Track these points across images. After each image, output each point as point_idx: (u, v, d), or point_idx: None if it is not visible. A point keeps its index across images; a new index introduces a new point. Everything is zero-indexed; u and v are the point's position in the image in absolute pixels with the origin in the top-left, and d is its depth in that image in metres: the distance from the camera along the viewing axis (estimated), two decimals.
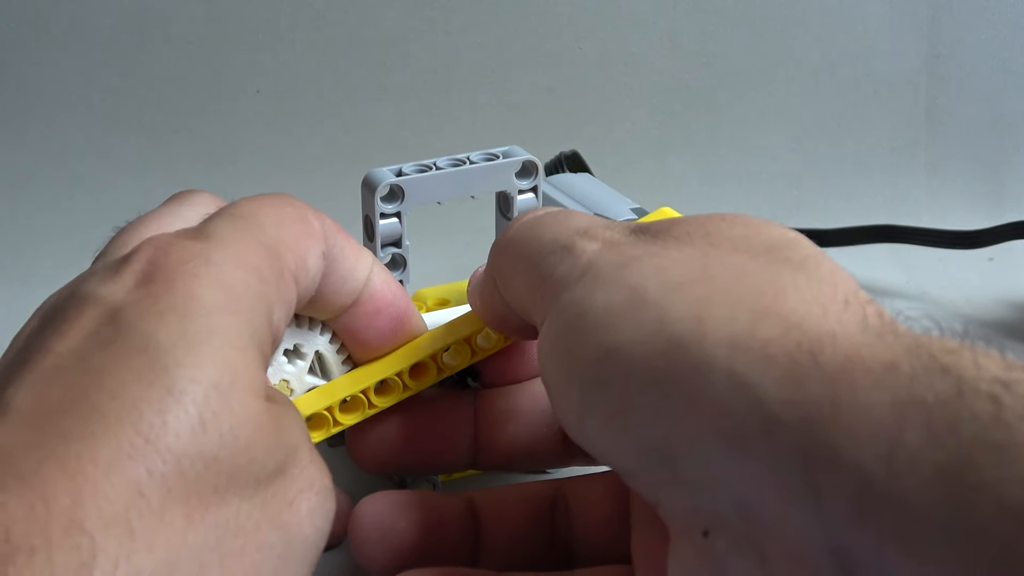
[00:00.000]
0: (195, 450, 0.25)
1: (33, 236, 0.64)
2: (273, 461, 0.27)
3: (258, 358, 0.28)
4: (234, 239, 0.29)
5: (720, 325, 0.25)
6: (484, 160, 0.39)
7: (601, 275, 0.29)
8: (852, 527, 0.22)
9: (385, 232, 0.38)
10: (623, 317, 0.27)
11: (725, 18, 0.71)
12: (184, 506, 0.25)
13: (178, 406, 0.25)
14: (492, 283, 0.34)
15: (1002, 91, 0.71)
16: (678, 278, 0.27)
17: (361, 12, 0.70)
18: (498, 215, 0.41)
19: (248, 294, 0.28)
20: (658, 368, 0.26)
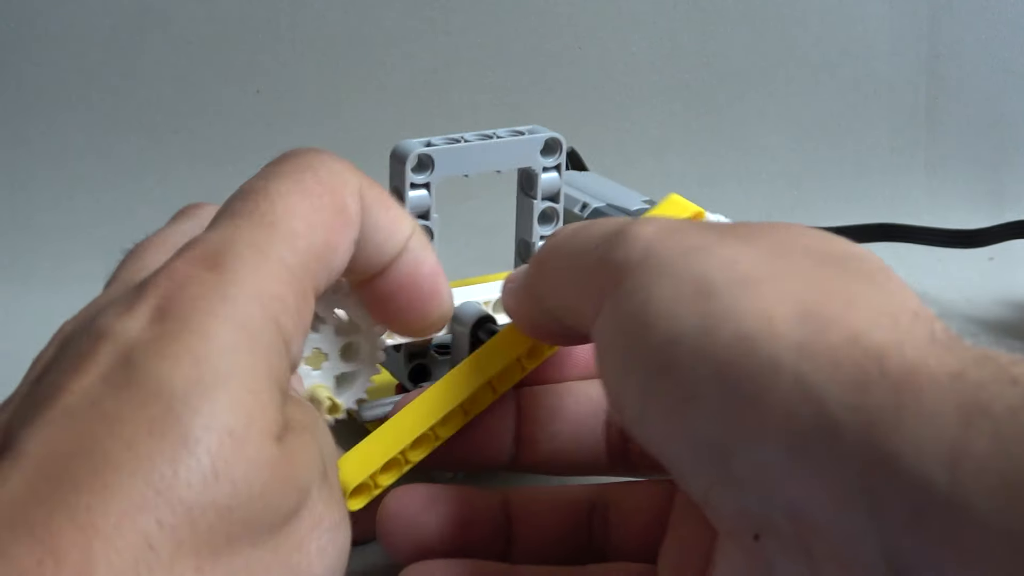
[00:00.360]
0: (207, 500, 0.24)
1: (33, 236, 0.64)
2: (287, 505, 0.26)
3: (275, 397, 0.27)
4: (254, 266, 0.28)
5: (790, 327, 0.25)
6: (510, 135, 0.39)
7: (664, 261, 0.28)
8: (909, 533, 0.22)
9: (414, 203, 0.38)
10: (689, 306, 0.27)
11: (725, 18, 0.71)
12: (195, 558, 0.24)
13: (191, 456, 0.24)
14: (532, 292, 0.33)
15: (1002, 91, 0.71)
16: (748, 274, 0.27)
17: (361, 12, 0.70)
18: (520, 194, 0.41)
19: (267, 330, 0.27)
20: (722, 361, 0.26)
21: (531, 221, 0.40)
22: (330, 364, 0.36)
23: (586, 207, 0.45)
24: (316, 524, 0.27)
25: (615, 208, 0.44)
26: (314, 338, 0.35)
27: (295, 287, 0.29)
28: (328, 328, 0.35)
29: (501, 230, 0.50)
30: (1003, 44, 0.71)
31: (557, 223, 0.41)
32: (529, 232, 0.41)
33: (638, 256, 0.29)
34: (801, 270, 0.27)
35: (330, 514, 0.28)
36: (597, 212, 0.44)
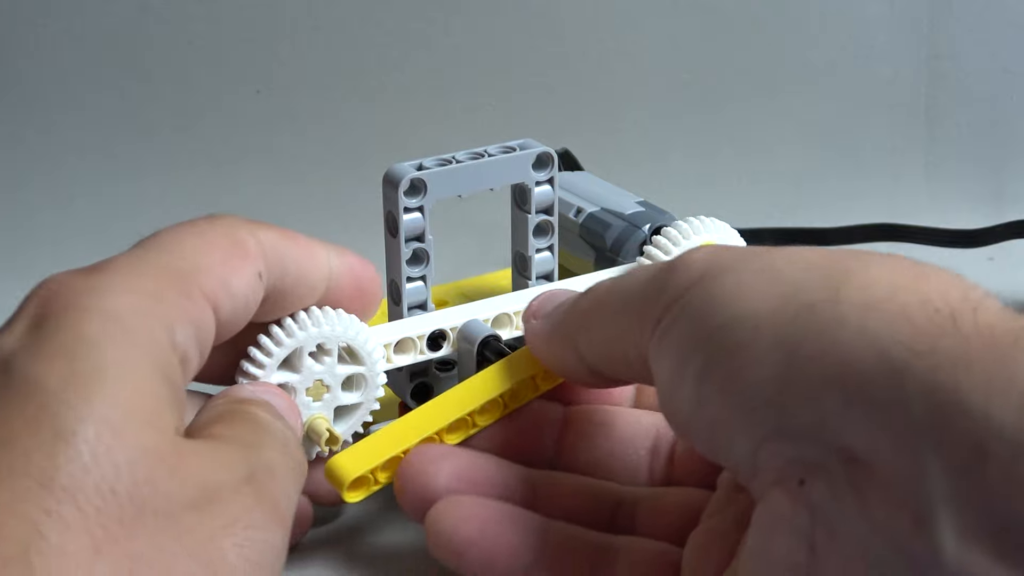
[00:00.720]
0: (90, 486, 0.25)
1: (33, 236, 0.64)
2: (183, 495, 0.27)
3: (159, 387, 0.28)
4: (129, 267, 0.30)
5: (856, 292, 0.27)
6: (501, 153, 0.39)
7: (724, 266, 0.29)
8: (971, 473, 0.23)
9: (409, 227, 0.38)
10: (754, 288, 0.28)
11: (725, 18, 0.71)
12: (89, 538, 0.25)
13: (68, 447, 0.26)
14: (567, 339, 0.35)
15: (1002, 91, 0.71)
16: (814, 262, 0.28)
17: (361, 12, 0.70)
18: (514, 208, 0.41)
19: (141, 320, 0.29)
20: (786, 329, 0.27)
21: (526, 235, 0.41)
22: (331, 396, 0.36)
23: (580, 212, 0.45)
24: (231, 523, 0.28)
25: (609, 212, 0.44)
26: (317, 370, 0.36)
27: (177, 287, 0.30)
28: (331, 360, 0.36)
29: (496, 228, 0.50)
30: (1003, 44, 0.71)
31: (552, 236, 0.41)
32: (525, 245, 0.41)
33: (697, 274, 0.30)
34: (868, 257, 0.29)
35: (250, 517, 0.28)
36: (592, 217, 0.44)
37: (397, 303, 0.40)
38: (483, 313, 0.39)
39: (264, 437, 0.31)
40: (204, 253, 0.32)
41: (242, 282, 0.32)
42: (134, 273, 0.30)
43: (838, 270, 0.28)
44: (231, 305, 0.32)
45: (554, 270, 0.41)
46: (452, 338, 0.39)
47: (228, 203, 0.66)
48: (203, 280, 0.31)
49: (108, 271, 0.30)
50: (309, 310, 0.35)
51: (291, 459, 0.32)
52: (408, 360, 0.38)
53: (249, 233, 0.33)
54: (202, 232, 0.32)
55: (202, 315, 0.31)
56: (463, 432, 0.36)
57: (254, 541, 0.28)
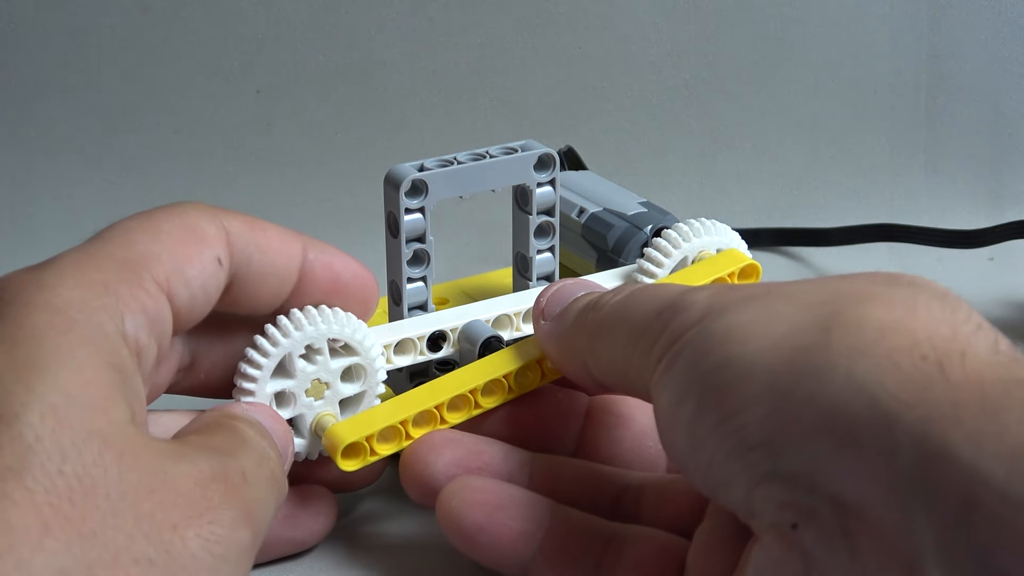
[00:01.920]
0: (36, 466, 0.26)
1: (33, 236, 0.64)
2: (138, 480, 0.27)
3: (105, 375, 0.28)
4: (75, 260, 0.30)
5: (845, 335, 0.26)
6: (503, 154, 0.39)
7: (726, 307, 0.30)
8: (960, 524, 0.23)
9: (410, 228, 0.38)
10: (750, 330, 0.28)
11: (725, 18, 0.71)
12: (36, 516, 0.25)
13: (10, 429, 0.26)
14: (575, 351, 0.35)
15: (1002, 91, 0.71)
16: (811, 300, 0.28)
17: (361, 12, 0.70)
18: (515, 209, 0.41)
19: (87, 313, 0.29)
20: (778, 372, 0.27)
21: (527, 236, 0.41)
22: (332, 392, 0.36)
23: (583, 212, 0.45)
24: (194, 515, 0.28)
25: (612, 212, 0.44)
26: (311, 370, 0.35)
27: (127, 277, 0.30)
28: (323, 358, 0.36)
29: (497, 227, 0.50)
30: (1003, 44, 0.71)
31: (553, 237, 0.41)
32: (526, 246, 0.41)
33: (699, 314, 0.30)
34: (863, 286, 0.28)
35: (216, 514, 0.28)
36: (594, 217, 0.44)
37: (397, 303, 0.40)
38: (483, 314, 0.39)
39: (240, 448, 0.31)
40: (155, 242, 0.32)
41: (197, 269, 0.32)
42: (82, 267, 0.30)
43: (830, 310, 0.27)
44: (187, 292, 0.32)
45: (555, 271, 0.41)
46: (452, 339, 0.39)
47: (228, 203, 0.66)
48: (155, 268, 0.31)
49: (56, 266, 0.30)
50: (290, 314, 0.35)
51: (268, 472, 0.32)
52: (408, 361, 0.38)
53: (210, 220, 0.33)
54: (155, 222, 0.32)
55: (155, 304, 0.31)
56: (466, 411, 0.36)
57: (219, 536, 0.28)
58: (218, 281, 0.33)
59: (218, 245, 0.33)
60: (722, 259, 0.40)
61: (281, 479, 0.33)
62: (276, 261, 0.35)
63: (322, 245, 0.36)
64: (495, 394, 0.37)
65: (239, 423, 0.33)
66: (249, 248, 0.34)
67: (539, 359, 0.37)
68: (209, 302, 0.33)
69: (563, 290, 0.37)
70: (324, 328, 0.35)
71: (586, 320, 0.35)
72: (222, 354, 0.36)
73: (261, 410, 0.35)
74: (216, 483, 0.29)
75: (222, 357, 0.36)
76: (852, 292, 0.28)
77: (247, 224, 0.34)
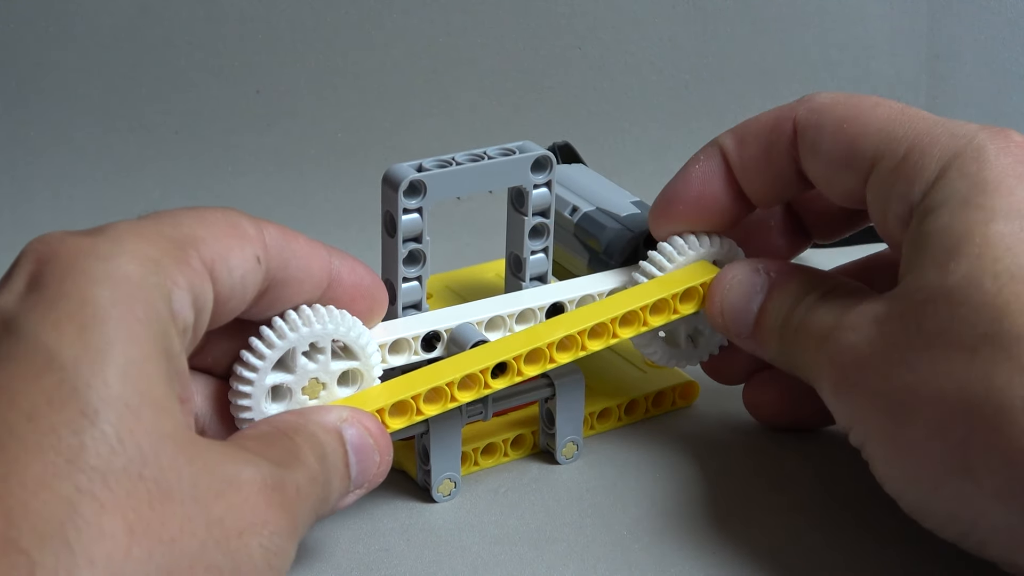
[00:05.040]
0: (119, 467, 0.25)
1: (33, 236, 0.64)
2: (204, 481, 0.27)
3: (163, 367, 0.28)
4: (130, 231, 0.29)
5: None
6: (501, 155, 0.39)
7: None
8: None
9: (407, 228, 0.38)
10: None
11: (725, 18, 0.71)
12: (122, 520, 0.25)
13: (93, 427, 0.25)
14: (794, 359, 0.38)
15: (1002, 91, 0.71)
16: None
17: (361, 12, 0.70)
18: (511, 210, 0.41)
19: (144, 287, 0.28)
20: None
21: (522, 236, 0.40)
22: (327, 393, 0.36)
23: (576, 211, 0.45)
24: (259, 523, 0.28)
25: (605, 213, 0.44)
26: (311, 368, 0.36)
27: (173, 253, 0.29)
28: (325, 357, 0.36)
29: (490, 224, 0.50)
30: (1003, 44, 0.71)
31: (548, 238, 0.41)
32: (520, 247, 0.41)
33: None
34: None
35: (277, 523, 0.28)
36: (587, 217, 0.44)
37: (392, 303, 0.40)
38: (477, 315, 0.39)
39: (295, 463, 0.31)
40: (202, 227, 0.31)
41: (239, 259, 0.32)
42: (133, 238, 0.29)
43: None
44: (229, 280, 0.32)
45: (548, 271, 0.41)
46: (445, 340, 0.39)
47: (228, 202, 0.66)
48: (201, 249, 0.31)
49: (111, 235, 0.29)
50: (299, 309, 0.35)
51: (316, 493, 0.31)
52: (402, 360, 0.38)
53: (249, 222, 0.33)
54: (201, 211, 0.32)
55: (200, 283, 0.31)
56: (477, 391, 0.38)
57: (278, 547, 0.28)
58: (256, 278, 0.33)
59: (258, 245, 0.33)
60: (693, 270, 0.41)
61: (325, 503, 0.32)
62: (311, 267, 0.35)
63: (343, 253, 0.36)
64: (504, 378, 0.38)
65: (298, 438, 0.32)
66: (285, 253, 0.34)
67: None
68: (246, 298, 0.33)
69: (734, 303, 0.39)
70: (331, 328, 0.36)
71: (784, 344, 0.38)
72: (229, 343, 0.36)
73: (356, 417, 0.34)
74: (276, 493, 0.29)
75: (229, 346, 0.36)
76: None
77: (282, 232, 0.34)
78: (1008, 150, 0.33)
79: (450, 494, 0.40)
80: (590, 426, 0.43)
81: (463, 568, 0.37)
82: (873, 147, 0.36)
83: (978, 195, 0.33)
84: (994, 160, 0.33)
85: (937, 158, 0.34)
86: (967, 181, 0.33)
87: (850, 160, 0.36)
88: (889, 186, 0.35)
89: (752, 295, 0.39)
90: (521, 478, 0.42)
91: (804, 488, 0.41)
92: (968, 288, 0.31)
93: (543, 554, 0.38)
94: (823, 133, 0.37)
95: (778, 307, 0.38)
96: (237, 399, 0.35)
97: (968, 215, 0.32)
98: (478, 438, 0.41)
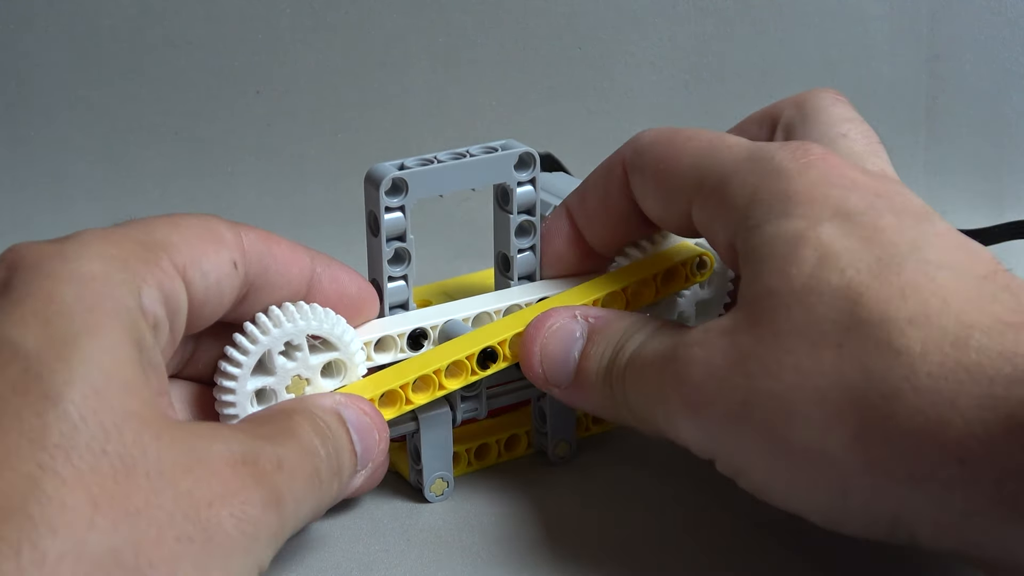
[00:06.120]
0: (82, 444, 0.26)
1: (33, 236, 0.64)
2: (171, 456, 0.28)
3: (132, 353, 0.29)
4: (97, 236, 0.31)
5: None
6: (483, 152, 0.39)
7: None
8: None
9: (390, 226, 0.38)
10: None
11: (725, 18, 0.71)
12: (85, 494, 0.26)
13: (56, 408, 0.26)
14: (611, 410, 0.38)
15: (1002, 91, 0.71)
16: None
17: (361, 12, 0.70)
18: (496, 208, 0.41)
19: (109, 284, 0.29)
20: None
21: (508, 235, 0.41)
22: (312, 388, 0.36)
23: None
24: (227, 494, 0.29)
25: None
26: (291, 367, 0.36)
27: (141, 254, 0.31)
28: (303, 354, 0.36)
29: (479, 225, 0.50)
30: (1003, 44, 0.71)
31: (534, 236, 0.41)
32: (507, 246, 0.41)
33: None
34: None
35: (247, 495, 0.29)
36: None
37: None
38: (464, 312, 0.39)
39: (284, 438, 0.32)
40: (175, 232, 0.32)
41: (214, 264, 0.33)
42: (100, 242, 0.30)
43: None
44: (203, 283, 0.32)
45: (536, 270, 0.41)
46: (433, 337, 0.39)
47: (227, 202, 0.66)
48: (172, 253, 0.32)
49: (77, 240, 0.30)
50: (268, 311, 0.36)
51: (310, 467, 0.32)
52: (389, 359, 0.38)
53: (227, 227, 0.34)
54: (175, 217, 0.33)
55: (171, 283, 0.31)
56: (464, 378, 0.38)
57: (251, 516, 0.29)
58: (233, 283, 0.34)
59: (235, 250, 0.34)
60: (675, 251, 0.41)
61: (329, 479, 0.33)
62: (290, 272, 0.35)
63: (328, 259, 0.37)
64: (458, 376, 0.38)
65: (296, 416, 0.33)
66: (265, 259, 0.35)
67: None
68: (223, 303, 0.34)
69: (554, 352, 0.38)
70: (303, 324, 0.36)
71: (612, 389, 0.37)
72: (219, 348, 0.36)
73: (351, 402, 0.35)
74: (246, 466, 0.29)
75: (219, 351, 0.36)
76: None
77: (262, 236, 0.35)
78: (810, 163, 0.34)
79: (443, 494, 0.40)
80: (586, 427, 0.43)
81: (463, 568, 0.37)
82: (688, 184, 0.36)
83: (794, 207, 0.33)
84: (798, 176, 0.33)
85: (745, 183, 0.34)
86: (779, 198, 0.33)
87: (671, 197, 0.37)
88: (710, 218, 0.35)
89: (572, 342, 0.38)
90: (519, 479, 0.42)
91: None
92: (816, 285, 0.31)
93: (543, 554, 0.38)
94: (645, 173, 0.38)
95: (600, 353, 0.37)
96: (223, 409, 0.35)
97: (793, 224, 0.32)
98: (472, 439, 0.41)
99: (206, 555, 0.28)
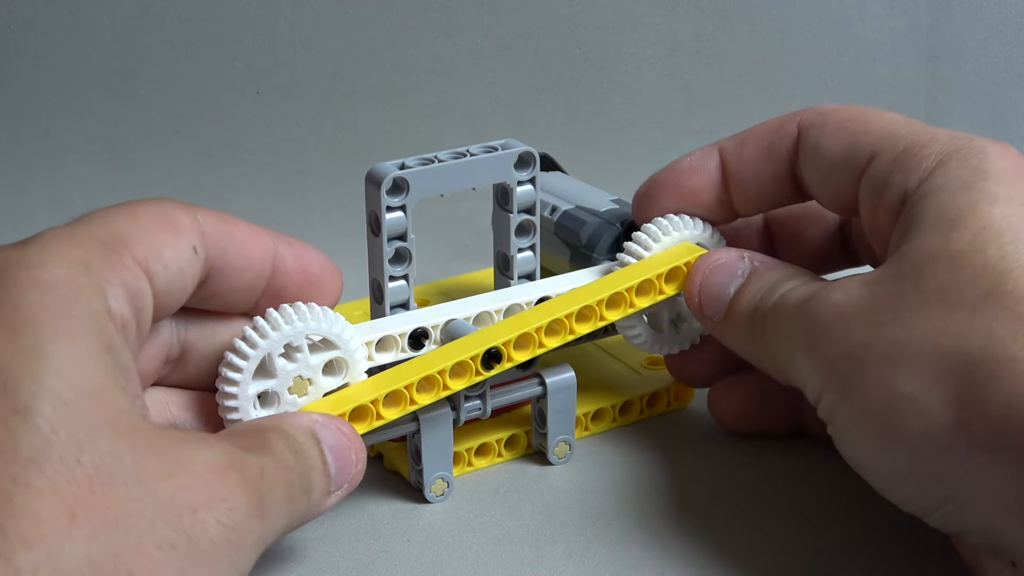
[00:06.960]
0: (55, 456, 0.26)
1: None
2: (149, 464, 0.27)
3: (103, 359, 0.28)
4: (58, 238, 0.30)
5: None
6: (484, 152, 0.39)
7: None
8: None
9: (391, 226, 0.38)
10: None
11: (725, 18, 0.71)
12: (61, 505, 0.26)
13: (25, 420, 0.26)
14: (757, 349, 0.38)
15: (1002, 91, 0.71)
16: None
17: (361, 12, 0.70)
18: (496, 208, 0.41)
19: (74, 288, 0.29)
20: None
21: (508, 234, 0.41)
22: (314, 387, 0.36)
23: (555, 210, 0.45)
24: (214, 500, 0.28)
25: (584, 210, 0.44)
26: (292, 368, 0.36)
27: (104, 254, 0.30)
28: (303, 355, 0.36)
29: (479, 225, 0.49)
30: (1003, 44, 0.71)
31: (534, 235, 0.41)
32: (507, 245, 0.41)
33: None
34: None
35: (235, 500, 0.29)
36: (566, 215, 0.44)
37: (379, 302, 0.39)
38: (465, 312, 0.39)
39: (262, 450, 0.31)
40: (133, 225, 0.32)
41: (173, 252, 0.32)
42: (62, 244, 0.30)
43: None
44: (165, 274, 0.32)
45: (536, 269, 0.41)
46: (434, 336, 0.39)
47: (227, 202, 0.66)
48: (133, 248, 0.31)
49: (39, 243, 0.30)
50: (266, 314, 0.35)
51: (285, 480, 0.32)
52: (390, 358, 0.38)
53: (184, 212, 0.33)
54: (132, 207, 0.33)
55: (135, 280, 0.31)
56: (469, 377, 0.38)
57: (237, 523, 0.28)
58: (194, 269, 0.33)
59: (193, 234, 0.33)
60: (677, 251, 0.41)
61: (301, 494, 0.32)
62: (251, 254, 0.35)
63: (289, 239, 0.36)
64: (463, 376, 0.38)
65: (271, 433, 0.33)
66: (224, 240, 0.34)
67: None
68: (186, 289, 0.33)
69: (713, 284, 0.39)
70: (301, 326, 0.35)
71: (754, 327, 0.38)
72: (212, 347, 0.36)
73: (329, 421, 0.35)
74: (232, 472, 0.29)
75: (212, 350, 0.36)
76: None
77: (219, 218, 0.34)
78: (1007, 155, 0.35)
79: (443, 494, 0.40)
80: (584, 427, 0.43)
81: (463, 568, 0.37)
82: (872, 143, 0.37)
83: (980, 180, 0.34)
84: (995, 158, 0.35)
85: (936, 152, 0.35)
86: (969, 169, 0.34)
87: (849, 156, 0.37)
88: (885, 176, 0.36)
89: (732, 279, 0.39)
90: (518, 479, 0.42)
91: (804, 488, 0.41)
92: (972, 253, 0.32)
93: (543, 555, 0.38)
94: (825, 131, 0.38)
95: (754, 292, 0.38)
96: (227, 414, 0.35)
97: (970, 196, 0.33)
98: (471, 438, 0.41)
99: (190, 562, 0.27)
